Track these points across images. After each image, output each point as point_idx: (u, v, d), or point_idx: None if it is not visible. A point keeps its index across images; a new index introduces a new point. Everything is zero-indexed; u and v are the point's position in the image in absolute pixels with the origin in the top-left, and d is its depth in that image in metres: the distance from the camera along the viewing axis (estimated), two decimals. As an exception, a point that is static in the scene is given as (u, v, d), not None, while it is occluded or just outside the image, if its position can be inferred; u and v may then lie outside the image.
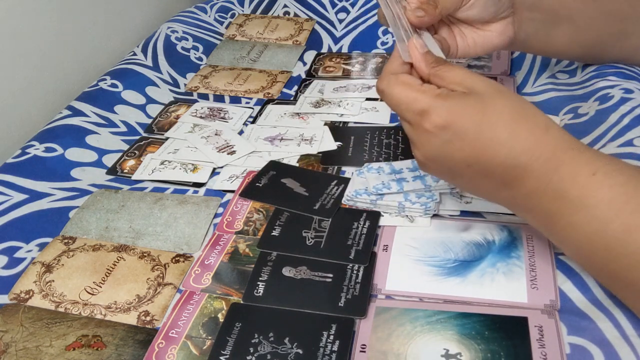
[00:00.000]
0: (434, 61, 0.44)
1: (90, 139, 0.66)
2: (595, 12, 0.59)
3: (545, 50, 0.67)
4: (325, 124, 0.68)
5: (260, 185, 0.58)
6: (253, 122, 0.70)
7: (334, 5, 0.93)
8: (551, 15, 0.58)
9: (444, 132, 0.40)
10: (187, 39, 0.87)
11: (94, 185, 0.60)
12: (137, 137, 0.68)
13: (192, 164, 0.62)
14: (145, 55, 0.81)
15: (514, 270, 0.45)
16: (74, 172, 0.61)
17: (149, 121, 0.71)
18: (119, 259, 0.50)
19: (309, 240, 0.51)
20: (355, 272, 0.47)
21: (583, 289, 0.43)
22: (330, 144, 0.64)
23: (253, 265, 0.49)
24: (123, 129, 0.69)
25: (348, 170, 0.60)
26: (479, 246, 0.48)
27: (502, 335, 0.41)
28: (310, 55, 0.85)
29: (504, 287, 0.44)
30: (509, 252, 0.47)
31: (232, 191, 0.58)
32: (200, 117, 0.71)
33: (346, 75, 0.79)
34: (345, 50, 0.86)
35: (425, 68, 0.43)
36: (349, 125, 0.68)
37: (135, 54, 0.81)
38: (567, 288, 0.44)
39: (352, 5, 0.92)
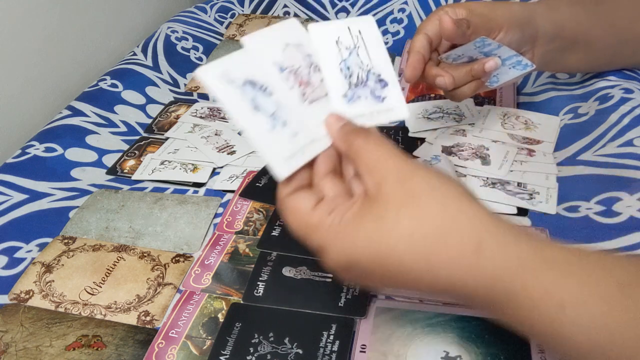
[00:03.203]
0: (351, 132, 0.35)
1: (90, 139, 0.66)
2: (613, 39, 0.59)
3: (554, 70, 0.68)
4: (325, 124, 0.68)
5: (260, 185, 0.58)
6: (253, 122, 0.70)
7: (334, 5, 0.93)
8: (570, 42, 0.58)
9: (349, 270, 0.33)
10: (187, 39, 0.87)
11: (94, 185, 0.60)
12: (137, 137, 0.68)
13: (192, 164, 0.62)
14: (145, 55, 0.81)
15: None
16: (74, 172, 0.61)
17: (149, 121, 0.71)
18: (119, 259, 0.50)
19: (309, 240, 0.51)
20: (355, 272, 0.47)
21: None
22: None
23: (253, 265, 0.49)
24: (123, 129, 0.69)
25: (348, 171, 0.60)
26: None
27: (502, 339, 0.41)
28: (310, 55, 0.85)
29: None
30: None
31: (232, 191, 0.58)
32: (200, 117, 0.71)
33: (346, 75, 0.79)
34: (345, 50, 0.86)
35: (342, 143, 0.35)
36: (349, 125, 0.68)
37: (135, 54, 0.81)
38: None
39: (352, 5, 0.92)
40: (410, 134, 0.64)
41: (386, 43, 0.86)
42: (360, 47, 0.38)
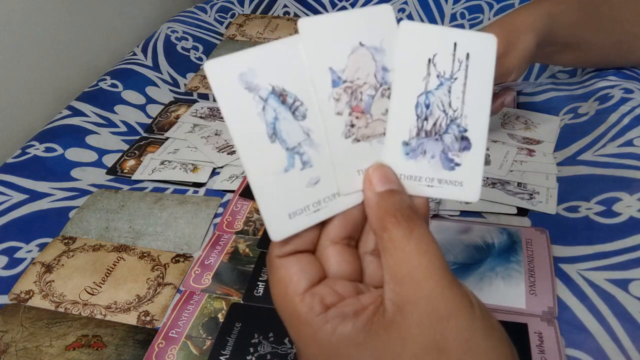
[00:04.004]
0: (391, 213, 0.25)
1: (90, 139, 0.66)
2: (604, 40, 0.60)
3: (543, 63, 0.70)
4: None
5: (260, 185, 0.57)
6: (253, 122, 0.70)
7: (334, 5, 0.93)
8: (561, 46, 0.58)
9: None
10: (187, 39, 0.87)
11: (94, 185, 0.60)
12: (137, 137, 0.68)
13: (192, 164, 0.62)
14: (145, 55, 0.81)
15: (513, 275, 0.45)
16: (74, 172, 0.61)
17: (149, 121, 0.71)
18: (119, 259, 0.50)
19: (308, 240, 0.50)
20: (355, 272, 0.47)
21: (581, 297, 0.43)
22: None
23: (253, 265, 0.49)
24: (123, 129, 0.69)
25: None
26: (478, 249, 0.48)
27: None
28: (310, 55, 0.85)
29: (502, 292, 0.44)
30: (508, 256, 0.47)
31: (232, 191, 0.58)
32: (200, 117, 0.71)
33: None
34: (345, 50, 0.86)
35: (375, 221, 0.26)
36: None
37: (135, 54, 0.81)
38: (566, 296, 0.43)
39: (352, 5, 0.92)
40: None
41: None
42: (458, 79, 0.26)
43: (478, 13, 0.86)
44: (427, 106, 0.26)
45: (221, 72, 0.23)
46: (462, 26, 0.85)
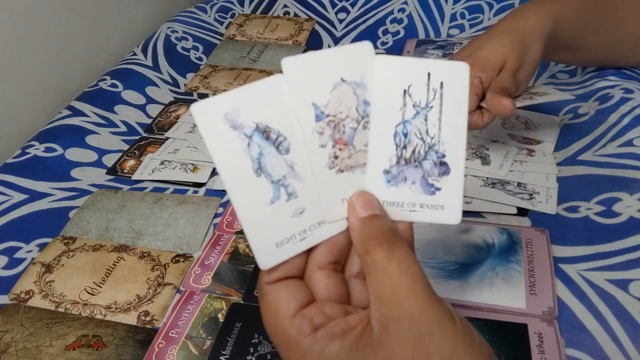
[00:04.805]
0: (373, 236, 0.27)
1: (90, 139, 0.66)
2: (605, 41, 0.60)
3: (547, 61, 0.69)
4: (325, 124, 0.68)
5: (260, 185, 0.57)
6: (253, 122, 0.70)
7: (334, 5, 0.93)
8: (562, 47, 0.58)
9: None
10: (187, 39, 0.87)
11: (94, 185, 0.60)
12: (137, 137, 0.68)
13: (192, 164, 0.62)
14: (145, 55, 0.81)
15: (513, 275, 0.45)
16: (74, 172, 0.61)
17: (149, 121, 0.71)
18: (119, 259, 0.50)
19: (308, 240, 0.50)
20: (355, 272, 0.47)
21: (581, 298, 0.43)
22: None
23: (253, 265, 0.49)
24: (123, 129, 0.69)
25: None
26: (478, 249, 0.48)
27: (503, 340, 0.41)
28: (310, 55, 0.85)
29: (503, 292, 0.44)
30: (508, 256, 0.47)
31: (232, 191, 0.58)
32: (200, 117, 0.71)
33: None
34: (345, 50, 0.86)
35: (359, 246, 0.27)
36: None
37: (135, 54, 0.81)
38: (566, 296, 0.43)
39: (352, 5, 0.92)
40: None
41: (386, 43, 0.86)
42: (434, 108, 0.27)
43: (478, 13, 0.86)
44: (405, 135, 0.28)
45: (207, 113, 0.25)
46: (462, 26, 0.85)
